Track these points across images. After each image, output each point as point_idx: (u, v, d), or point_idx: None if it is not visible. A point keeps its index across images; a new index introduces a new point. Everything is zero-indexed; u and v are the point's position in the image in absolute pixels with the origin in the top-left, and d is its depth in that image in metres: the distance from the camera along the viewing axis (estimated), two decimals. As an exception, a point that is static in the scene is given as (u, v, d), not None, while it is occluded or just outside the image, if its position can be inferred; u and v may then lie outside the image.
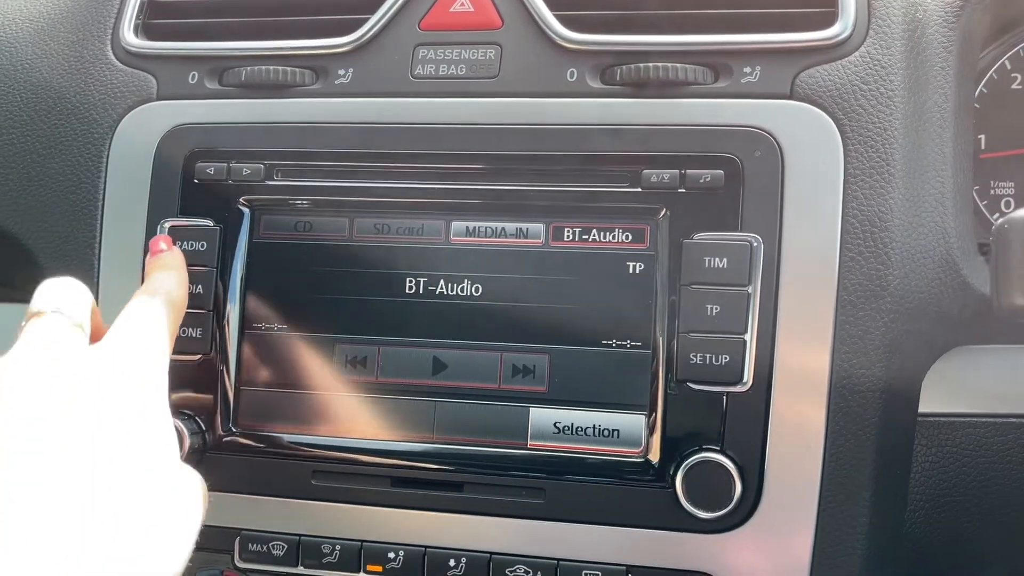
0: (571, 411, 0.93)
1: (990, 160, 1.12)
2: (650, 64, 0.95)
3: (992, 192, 1.12)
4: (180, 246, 1.01)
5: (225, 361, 1.00)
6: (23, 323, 0.77)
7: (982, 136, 1.12)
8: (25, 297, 1.14)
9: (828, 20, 0.95)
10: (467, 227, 0.97)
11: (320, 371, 0.98)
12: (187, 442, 0.97)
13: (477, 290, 0.96)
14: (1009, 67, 1.12)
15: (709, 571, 0.91)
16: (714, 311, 0.90)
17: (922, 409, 0.96)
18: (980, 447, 0.96)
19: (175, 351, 0.99)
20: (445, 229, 0.98)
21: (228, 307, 1.00)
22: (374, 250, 0.99)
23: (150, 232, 1.03)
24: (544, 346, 0.94)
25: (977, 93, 1.12)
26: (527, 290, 0.95)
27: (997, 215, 1.12)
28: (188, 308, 0.99)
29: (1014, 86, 1.12)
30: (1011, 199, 1.12)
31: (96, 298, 1.03)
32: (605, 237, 0.94)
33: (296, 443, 0.98)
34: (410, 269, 0.98)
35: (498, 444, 0.94)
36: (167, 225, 1.02)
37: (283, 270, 1.00)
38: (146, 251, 1.03)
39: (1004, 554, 1.02)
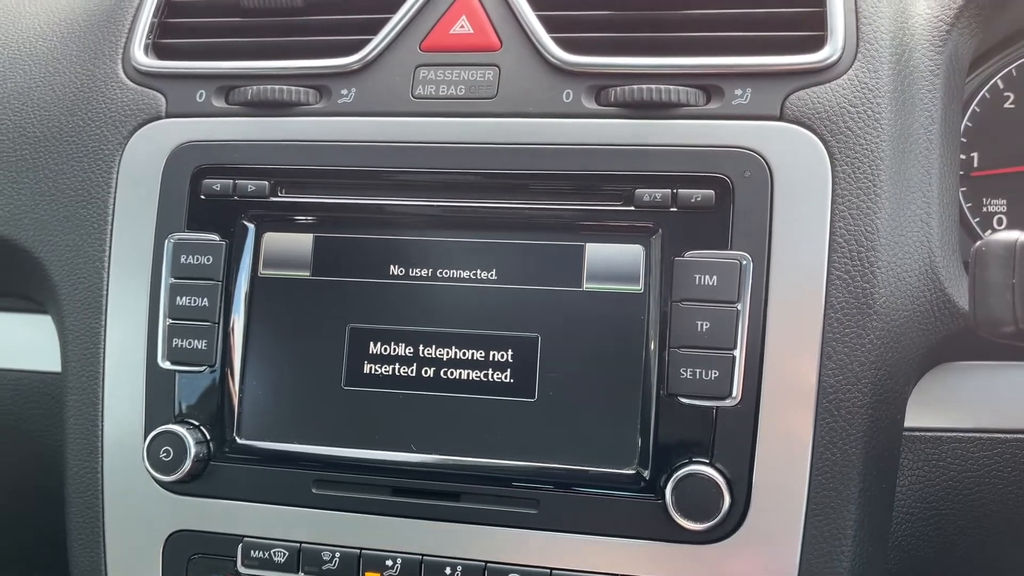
0: (563, 424, 0.95)
1: (983, 178, 1.14)
2: (643, 86, 0.97)
3: (984, 209, 1.14)
4: (186, 260, 1.04)
5: (230, 372, 1.02)
6: None
7: (975, 154, 1.14)
8: (35, 308, 1.18)
9: (817, 44, 0.97)
10: (464, 243, 1.00)
11: (322, 382, 1.01)
12: (192, 451, 1.00)
13: (473, 304, 0.99)
14: (1002, 86, 1.14)
15: None
16: (704, 327, 0.93)
17: (908, 424, 0.97)
18: (965, 461, 0.98)
19: (181, 362, 1.03)
20: (443, 244, 1.00)
21: (233, 319, 1.03)
22: (377, 264, 1.01)
23: (158, 246, 1.05)
24: (536, 359, 0.96)
25: (970, 112, 1.14)
26: (521, 301, 0.98)
27: (989, 232, 1.14)
28: (194, 320, 1.03)
29: (1006, 105, 1.14)
30: (1003, 216, 1.14)
31: (104, 310, 1.07)
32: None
33: (298, 453, 1.01)
34: (412, 282, 1.00)
35: (494, 456, 0.96)
36: (175, 239, 1.05)
37: (286, 284, 1.03)
38: (155, 264, 1.05)
39: (990, 567, 1.04)
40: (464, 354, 0.98)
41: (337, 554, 0.99)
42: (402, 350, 0.99)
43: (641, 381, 0.94)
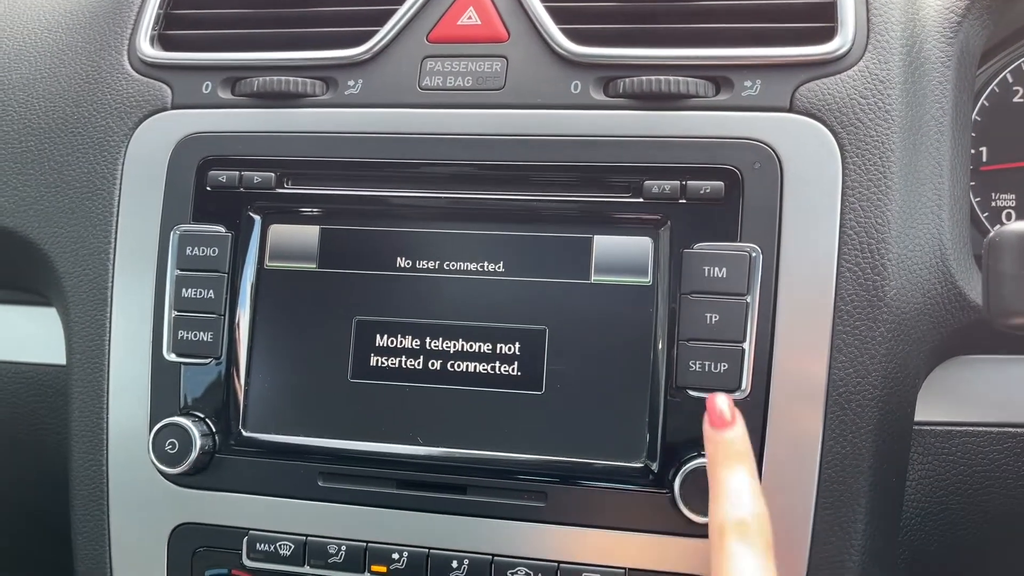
0: (571, 417, 0.95)
1: (991, 172, 1.14)
2: (652, 77, 0.97)
3: (993, 204, 1.14)
4: (192, 252, 1.03)
5: (235, 365, 1.02)
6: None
7: (984, 148, 1.14)
8: (39, 300, 1.17)
9: (828, 35, 0.97)
10: (471, 235, 0.99)
11: (328, 375, 1.00)
12: (197, 443, 0.99)
13: (480, 297, 0.98)
14: (1011, 80, 1.14)
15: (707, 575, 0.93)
16: (713, 320, 0.92)
17: (918, 418, 0.97)
18: (976, 456, 0.97)
19: (187, 355, 1.03)
20: (450, 236, 1.00)
21: (239, 312, 1.03)
22: (384, 256, 1.01)
23: (163, 238, 1.05)
24: (544, 352, 0.96)
25: (979, 106, 1.13)
26: (528, 293, 0.97)
27: (998, 226, 1.14)
28: (200, 312, 1.03)
29: (1015, 99, 1.14)
30: (1012, 211, 1.14)
31: (110, 302, 1.06)
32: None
33: (304, 445, 1.00)
34: (419, 274, 1.00)
35: (501, 449, 0.96)
36: (181, 231, 1.05)
37: (292, 276, 1.02)
38: (161, 256, 1.05)
39: (1000, 562, 1.03)
40: (471, 347, 0.98)
41: (343, 547, 0.99)
42: (409, 343, 0.99)
43: (649, 374, 0.93)
